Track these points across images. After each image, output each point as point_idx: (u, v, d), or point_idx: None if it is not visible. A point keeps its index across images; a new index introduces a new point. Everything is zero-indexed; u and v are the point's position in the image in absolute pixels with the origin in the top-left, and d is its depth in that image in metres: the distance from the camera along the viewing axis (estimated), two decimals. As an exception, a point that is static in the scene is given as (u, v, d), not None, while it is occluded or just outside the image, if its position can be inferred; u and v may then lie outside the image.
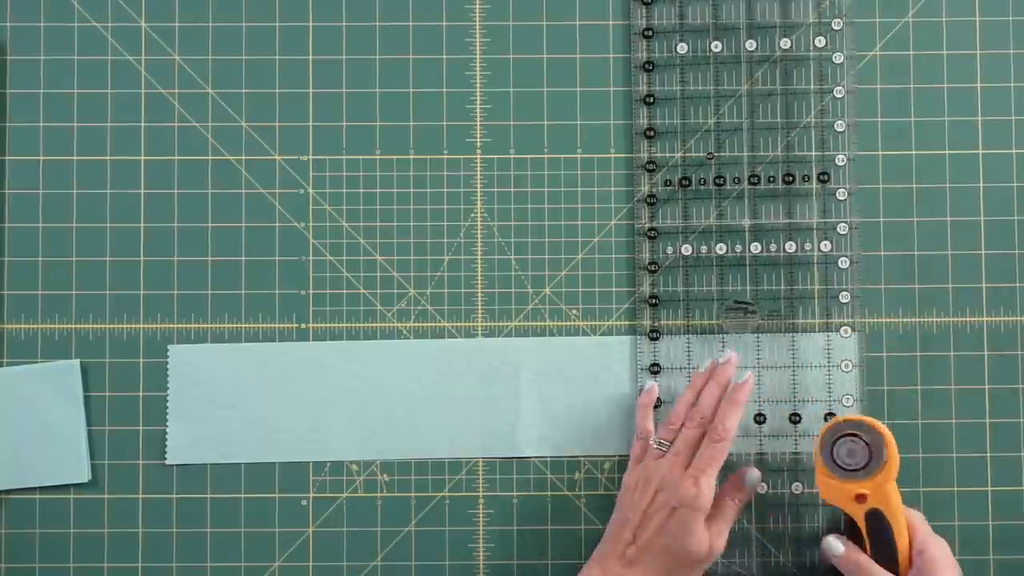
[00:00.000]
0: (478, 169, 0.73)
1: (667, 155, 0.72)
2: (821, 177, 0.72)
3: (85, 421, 0.72)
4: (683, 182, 0.72)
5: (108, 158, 0.73)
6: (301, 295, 0.73)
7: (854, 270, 0.72)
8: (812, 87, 0.72)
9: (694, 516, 0.64)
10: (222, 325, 0.73)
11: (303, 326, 0.73)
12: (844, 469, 0.64)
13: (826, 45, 0.72)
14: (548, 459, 0.72)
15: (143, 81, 0.73)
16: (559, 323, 0.73)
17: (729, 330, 0.71)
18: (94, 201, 0.73)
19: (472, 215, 0.73)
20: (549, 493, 0.72)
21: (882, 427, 0.64)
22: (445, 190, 0.73)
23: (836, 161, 0.72)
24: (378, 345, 0.72)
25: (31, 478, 0.72)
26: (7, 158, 0.73)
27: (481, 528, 0.72)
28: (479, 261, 0.73)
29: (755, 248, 0.72)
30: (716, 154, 0.72)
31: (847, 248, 0.72)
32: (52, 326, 0.73)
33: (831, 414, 0.71)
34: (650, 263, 0.72)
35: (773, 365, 0.72)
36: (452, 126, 0.73)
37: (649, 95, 0.72)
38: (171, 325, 0.73)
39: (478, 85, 0.73)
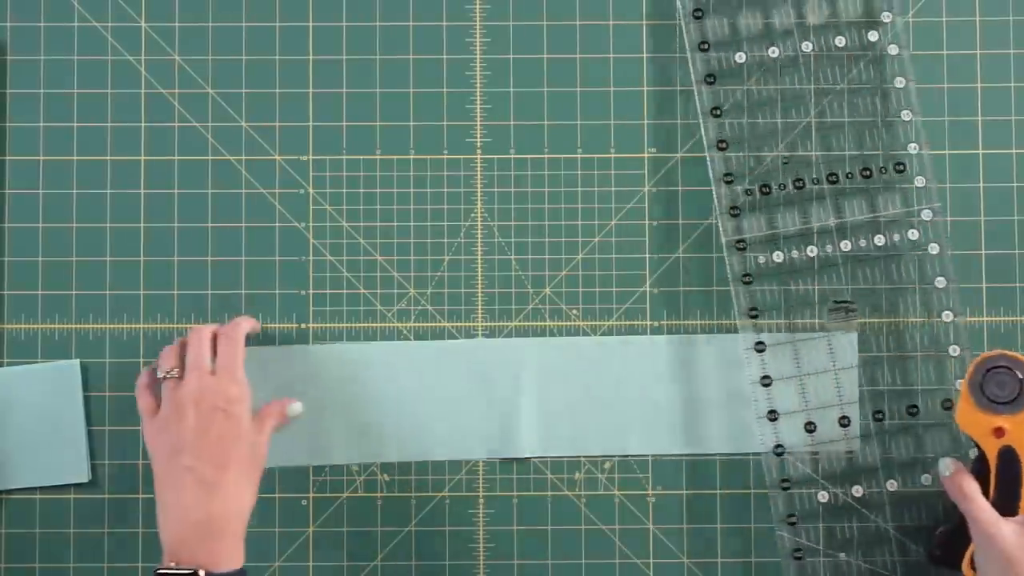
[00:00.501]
0: (478, 169, 0.73)
1: (727, 165, 0.72)
2: (897, 168, 0.72)
3: (85, 421, 0.72)
4: (763, 189, 0.72)
5: (108, 158, 0.73)
6: (301, 295, 0.73)
7: (946, 254, 0.71)
8: (872, 81, 0.72)
9: (245, 409, 0.65)
10: (222, 325, 0.73)
11: (303, 326, 0.73)
12: (991, 400, 0.64)
13: (880, 39, 0.72)
14: (548, 459, 0.72)
15: (143, 81, 0.73)
16: (559, 323, 0.73)
17: (833, 332, 0.71)
18: (94, 201, 0.73)
19: (472, 215, 0.73)
20: (549, 493, 0.72)
21: None
22: (445, 190, 0.73)
23: (909, 150, 0.72)
24: (378, 345, 0.72)
25: (31, 478, 0.72)
26: (7, 158, 0.73)
27: (481, 528, 0.72)
28: (479, 261, 0.73)
29: (845, 246, 0.71)
30: (790, 156, 0.71)
31: (934, 235, 0.71)
32: (52, 326, 0.73)
33: (948, 400, 0.71)
34: (744, 275, 0.72)
35: (881, 358, 0.71)
36: (452, 126, 0.73)
37: (716, 107, 0.72)
38: (171, 325, 0.73)
39: (478, 85, 0.73)
